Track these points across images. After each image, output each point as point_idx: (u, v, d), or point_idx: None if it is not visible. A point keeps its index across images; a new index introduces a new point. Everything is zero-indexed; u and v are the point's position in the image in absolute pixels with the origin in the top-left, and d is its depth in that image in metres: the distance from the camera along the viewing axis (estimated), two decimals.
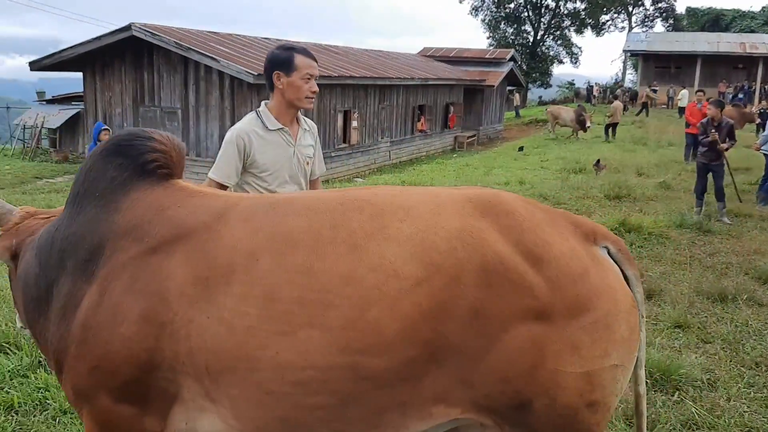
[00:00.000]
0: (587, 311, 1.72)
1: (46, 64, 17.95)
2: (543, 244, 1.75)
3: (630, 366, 1.83)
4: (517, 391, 1.72)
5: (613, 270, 1.84)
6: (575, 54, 50.42)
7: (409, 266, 1.72)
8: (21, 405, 3.29)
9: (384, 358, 1.72)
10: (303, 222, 1.82)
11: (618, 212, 8.86)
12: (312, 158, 3.11)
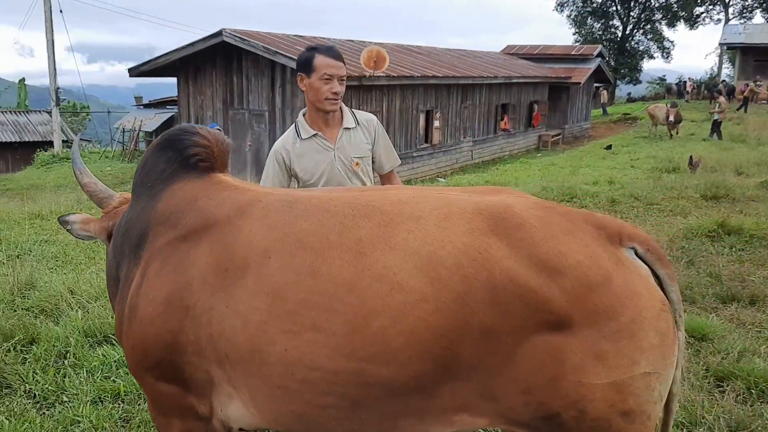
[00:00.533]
0: (609, 320, 1.65)
1: (144, 71, 18.92)
2: (557, 254, 1.68)
3: (667, 371, 1.72)
4: (541, 402, 1.69)
5: (639, 273, 1.73)
6: (667, 48, 48.28)
7: (414, 280, 1.70)
8: (127, 394, 3.46)
9: (392, 368, 1.71)
10: (313, 224, 1.85)
11: (716, 213, 8.39)
12: (361, 157, 2.98)
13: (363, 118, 3.03)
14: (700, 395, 3.33)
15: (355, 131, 2.99)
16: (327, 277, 1.75)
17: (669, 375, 1.74)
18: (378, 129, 3.05)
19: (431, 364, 1.70)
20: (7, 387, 3.52)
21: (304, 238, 1.83)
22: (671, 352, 1.72)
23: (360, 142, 2.99)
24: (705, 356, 3.89)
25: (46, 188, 16.57)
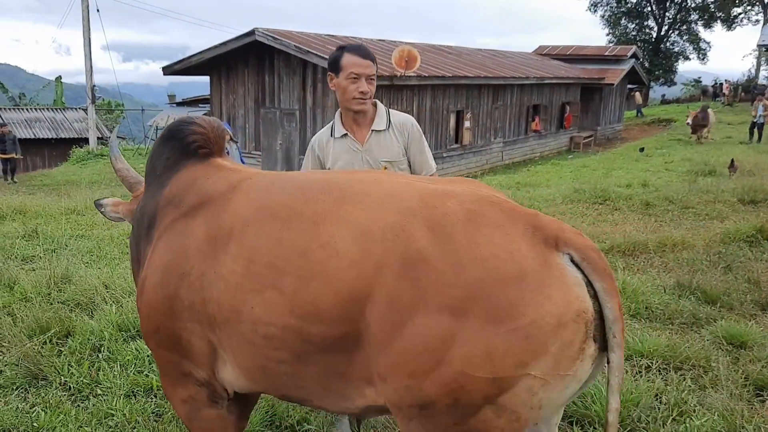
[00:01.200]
0: (508, 317, 1.63)
1: (177, 69, 19.17)
2: (471, 244, 1.71)
3: (557, 382, 1.66)
4: (421, 389, 1.72)
5: (563, 279, 1.67)
6: (703, 50, 47.27)
7: (348, 248, 1.85)
8: (159, 389, 3.49)
9: (321, 327, 1.87)
10: (286, 198, 2.05)
11: (755, 218, 8.18)
12: (391, 161, 2.87)
13: (398, 121, 2.92)
14: (740, 404, 3.24)
15: (385, 134, 2.90)
16: (287, 242, 1.94)
17: (559, 387, 1.67)
18: (412, 133, 2.92)
19: (350, 326, 1.84)
20: (43, 379, 3.59)
21: (276, 209, 2.03)
22: (570, 365, 1.66)
23: (390, 146, 2.89)
24: (744, 364, 3.78)
25: (81, 184, 16.90)
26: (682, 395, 3.35)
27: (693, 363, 3.77)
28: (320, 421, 3.14)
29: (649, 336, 4.06)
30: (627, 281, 5.15)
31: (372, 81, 2.82)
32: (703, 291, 5.08)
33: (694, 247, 6.60)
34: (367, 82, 2.80)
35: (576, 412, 3.16)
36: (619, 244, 6.56)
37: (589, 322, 1.67)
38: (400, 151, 2.90)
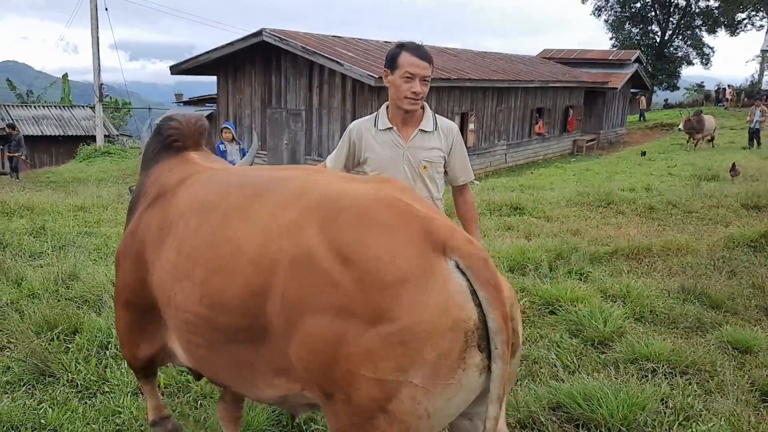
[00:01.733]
0: (387, 321, 1.62)
1: (184, 68, 19.22)
2: (357, 245, 1.71)
3: (439, 391, 1.65)
4: (318, 382, 1.76)
5: (446, 286, 1.65)
6: (706, 55, 47.18)
7: (249, 244, 1.92)
8: (167, 386, 3.51)
9: (226, 317, 1.97)
10: (212, 192, 2.20)
11: (759, 223, 8.18)
12: (430, 162, 2.91)
13: (444, 125, 2.95)
14: (746, 410, 3.24)
15: (431, 135, 2.93)
16: (201, 235, 2.08)
17: (444, 396, 1.66)
18: (456, 139, 2.94)
19: (252, 319, 1.91)
20: (50, 375, 3.60)
21: (202, 203, 2.17)
22: (450, 375, 1.64)
23: (433, 147, 2.91)
24: (750, 370, 3.79)
25: (88, 182, 16.95)
26: (688, 400, 3.35)
27: (699, 367, 3.78)
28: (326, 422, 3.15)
29: (654, 340, 4.07)
30: (631, 285, 5.16)
31: (426, 82, 2.82)
32: (707, 295, 5.08)
33: (698, 252, 6.60)
34: (420, 83, 2.80)
35: (582, 416, 3.17)
36: (623, 248, 6.56)
37: (470, 331, 1.65)
38: (441, 154, 2.93)
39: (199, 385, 3.44)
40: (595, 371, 3.74)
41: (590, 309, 4.49)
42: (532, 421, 3.18)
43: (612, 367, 3.73)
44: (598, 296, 4.95)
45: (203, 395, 3.39)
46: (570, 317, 4.49)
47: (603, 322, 4.29)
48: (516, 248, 6.16)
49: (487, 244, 6.53)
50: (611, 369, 3.70)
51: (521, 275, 5.59)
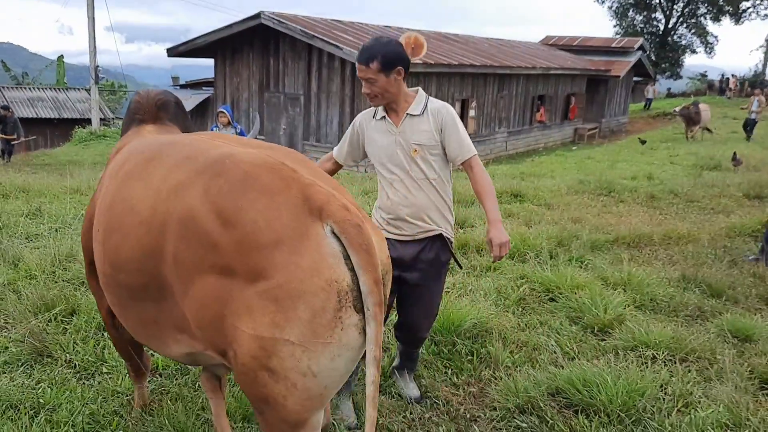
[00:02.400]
0: (263, 279, 1.73)
1: (181, 51, 19.09)
2: (237, 208, 1.79)
3: (317, 349, 1.74)
4: (210, 339, 1.87)
5: (319, 249, 1.74)
6: (710, 43, 46.95)
7: (141, 206, 2.03)
8: (165, 368, 3.50)
9: (125, 276, 2.09)
10: (125, 158, 2.33)
11: (761, 213, 8.18)
12: (421, 145, 2.94)
13: (433, 107, 2.98)
14: (745, 397, 3.24)
15: (420, 119, 2.96)
16: (106, 197, 2.23)
17: (326, 355, 1.74)
18: (446, 119, 2.95)
19: (149, 278, 2.01)
20: (48, 356, 3.58)
21: (115, 168, 2.33)
22: (327, 333, 1.73)
23: (422, 130, 2.95)
24: (749, 357, 3.78)
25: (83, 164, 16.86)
26: (688, 387, 3.35)
27: (698, 355, 3.77)
28: None
29: (654, 327, 4.06)
30: (632, 273, 5.14)
31: (369, 82, 2.87)
32: (708, 284, 5.07)
33: (699, 241, 6.59)
34: (366, 85, 2.90)
35: (581, 401, 3.16)
36: (624, 236, 6.55)
37: (342, 292, 1.73)
38: (432, 136, 2.96)
39: (197, 368, 3.43)
40: (594, 358, 3.73)
41: (590, 296, 4.47)
42: (531, 406, 3.17)
43: (612, 354, 3.72)
44: (598, 284, 4.94)
45: None
46: (570, 304, 4.48)
47: (603, 309, 4.28)
48: (516, 235, 6.14)
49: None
50: (611, 356, 3.69)
51: (521, 262, 5.57)
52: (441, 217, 3.02)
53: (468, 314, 4.03)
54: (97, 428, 2.94)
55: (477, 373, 3.58)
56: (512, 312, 4.44)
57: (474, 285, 4.91)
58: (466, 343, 3.86)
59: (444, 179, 3.02)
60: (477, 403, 3.31)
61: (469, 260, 5.64)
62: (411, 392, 3.33)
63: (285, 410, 1.81)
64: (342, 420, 3.06)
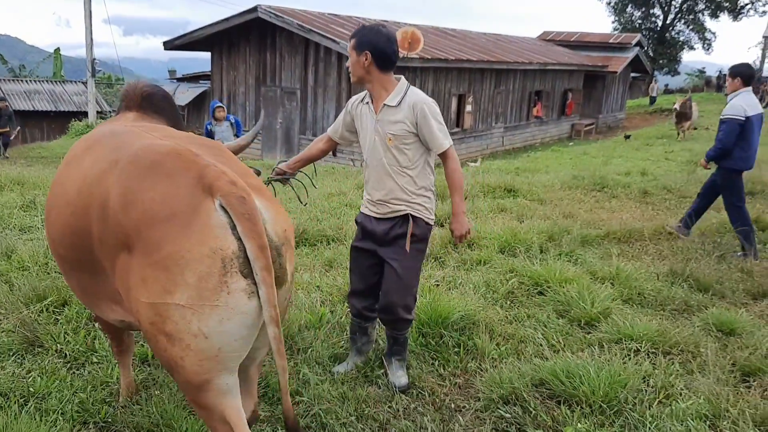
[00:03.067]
0: (155, 251, 1.92)
1: (178, 44, 19.07)
2: (139, 190, 2.01)
3: (206, 311, 1.89)
4: (130, 310, 2.10)
5: (207, 221, 1.91)
6: (708, 40, 46.97)
7: (72, 189, 2.26)
8: (154, 358, 3.53)
9: (63, 249, 2.36)
10: (76, 144, 2.57)
11: (751, 209, 8.21)
12: (395, 135, 3.09)
13: (411, 100, 3.10)
14: (726, 389, 3.29)
15: (395, 110, 3.10)
16: (53, 180, 2.50)
17: (215, 317, 1.91)
18: (421, 111, 3.07)
19: (81, 254, 2.26)
20: (39, 346, 3.62)
21: (69, 154, 2.53)
22: (215, 296, 1.89)
23: (397, 121, 3.09)
24: (732, 351, 3.83)
25: None
26: (670, 379, 3.40)
27: (682, 348, 3.82)
28: (311, 393, 3.19)
29: (639, 321, 4.10)
30: (620, 267, 5.19)
31: (348, 57, 3.16)
32: (696, 279, 5.12)
33: (689, 236, 6.63)
34: None
35: (564, 392, 3.20)
36: (614, 231, 6.59)
37: (227, 258, 1.90)
38: (406, 128, 3.09)
39: None
40: (579, 350, 3.78)
41: (578, 290, 4.51)
42: (515, 397, 3.22)
43: (596, 347, 3.77)
44: (587, 278, 4.98)
45: None
46: (558, 298, 4.52)
47: (590, 303, 4.32)
48: (508, 230, 6.18)
49: (480, 225, 6.55)
50: (595, 348, 3.74)
51: (512, 256, 5.62)
52: (412, 201, 3.17)
53: (456, 307, 4.07)
54: (86, 417, 2.98)
55: (463, 365, 3.62)
56: (500, 305, 4.48)
57: (464, 278, 4.95)
58: (454, 335, 3.90)
59: (420, 166, 3.16)
60: (462, 394, 3.36)
61: (460, 254, 5.68)
62: (396, 380, 3.37)
63: (185, 371, 1.98)
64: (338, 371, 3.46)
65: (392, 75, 3.18)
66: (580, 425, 2.97)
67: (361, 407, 3.14)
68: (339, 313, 4.18)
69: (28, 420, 2.79)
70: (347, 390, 3.26)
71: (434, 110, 3.10)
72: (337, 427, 2.98)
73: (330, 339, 3.82)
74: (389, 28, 3.14)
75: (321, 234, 6.08)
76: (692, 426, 2.95)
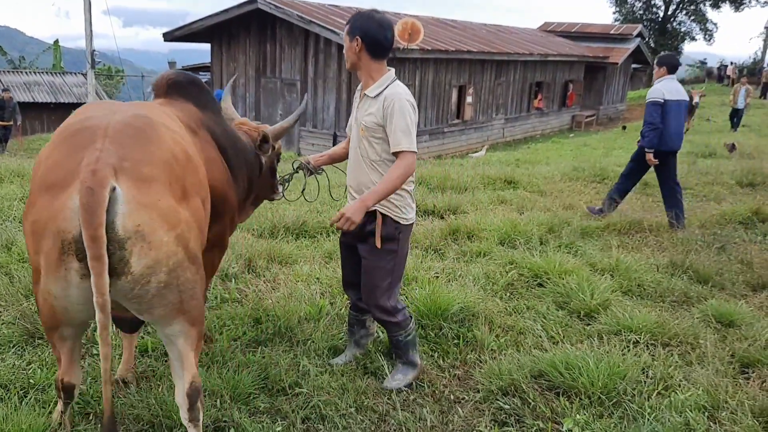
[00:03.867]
0: (30, 212, 2.22)
1: (178, 36, 19.01)
2: (47, 156, 2.29)
3: (56, 281, 2.14)
4: None
5: (65, 202, 2.08)
6: (709, 31, 46.77)
7: (40, 164, 2.41)
8: (154, 350, 3.54)
9: None
10: (75, 117, 2.64)
11: (752, 200, 8.22)
12: (366, 127, 3.03)
13: (387, 93, 2.99)
14: (725, 380, 3.29)
15: (372, 101, 3.04)
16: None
17: (57, 285, 2.15)
18: (390, 108, 2.95)
19: None
20: (39, 338, 3.62)
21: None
22: (56, 269, 2.12)
23: (370, 113, 3.03)
24: (731, 342, 3.84)
25: None
26: (669, 370, 3.40)
27: (681, 339, 3.83)
28: (311, 384, 3.20)
29: (638, 312, 4.11)
30: (620, 259, 5.19)
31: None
32: (695, 270, 5.12)
33: (690, 228, 6.63)
34: None
35: (563, 384, 3.21)
36: (614, 223, 6.59)
37: (66, 241, 2.08)
38: (376, 121, 3.02)
39: None
40: (578, 342, 3.78)
41: (578, 282, 4.52)
42: (514, 388, 3.22)
43: (595, 338, 3.77)
44: (586, 270, 4.99)
45: None
46: (557, 290, 4.53)
47: (590, 294, 4.33)
48: (508, 222, 6.18)
49: (479, 216, 6.55)
50: (595, 340, 3.75)
51: (511, 248, 5.62)
52: None
53: (455, 299, 4.08)
54: (87, 408, 2.99)
55: (463, 357, 3.63)
56: (500, 297, 4.49)
57: (463, 270, 4.95)
58: (453, 327, 3.91)
59: (390, 163, 3.04)
60: (461, 386, 3.37)
61: (460, 245, 5.68)
62: (387, 382, 3.32)
63: (41, 316, 2.37)
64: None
65: (383, 64, 3.07)
66: (579, 416, 2.98)
67: (361, 399, 3.15)
68: (339, 305, 4.19)
69: (29, 411, 2.80)
70: (347, 381, 3.27)
71: (405, 108, 2.95)
72: (336, 418, 2.99)
73: (330, 331, 3.83)
74: (383, 15, 3.04)
75: (321, 226, 6.08)
76: (691, 417, 2.95)
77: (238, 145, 3.32)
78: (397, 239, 3.14)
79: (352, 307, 3.54)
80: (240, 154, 3.30)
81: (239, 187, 3.26)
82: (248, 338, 3.69)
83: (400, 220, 3.12)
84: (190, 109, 3.01)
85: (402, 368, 3.35)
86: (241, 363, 3.35)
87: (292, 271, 4.82)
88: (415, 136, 2.99)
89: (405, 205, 3.13)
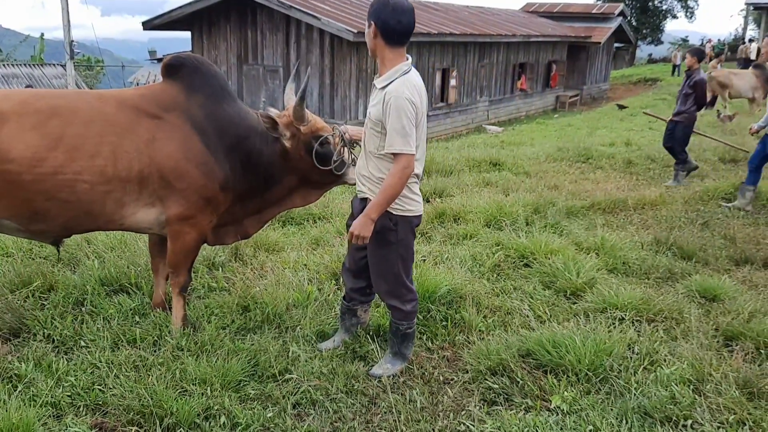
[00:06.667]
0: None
1: (157, 24, 18.76)
2: None
3: None
4: None
5: None
6: (691, 8, 46.90)
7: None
8: (143, 341, 3.53)
9: None
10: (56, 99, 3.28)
11: (734, 176, 8.32)
12: (369, 119, 3.01)
13: (389, 89, 2.90)
14: (709, 353, 3.35)
15: (379, 93, 2.97)
16: None
17: None
18: (387, 105, 2.88)
19: None
20: (26, 331, 3.61)
21: None
22: None
23: (374, 105, 3.01)
24: (715, 316, 3.90)
25: None
26: (654, 346, 3.45)
27: (666, 315, 3.88)
28: (301, 370, 3.21)
29: (624, 290, 4.15)
30: (605, 238, 5.23)
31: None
32: (679, 247, 5.18)
33: (673, 205, 6.70)
34: None
35: (551, 362, 3.25)
36: (599, 202, 6.64)
37: None
38: (377, 114, 2.96)
39: (174, 339, 3.47)
40: (565, 320, 3.82)
41: (564, 261, 4.55)
42: (502, 368, 3.26)
43: (582, 316, 3.81)
44: (572, 249, 5.03)
45: (179, 348, 3.41)
46: (544, 269, 4.56)
47: (576, 273, 4.37)
48: (494, 203, 6.20)
49: (465, 199, 6.56)
50: (581, 318, 3.79)
51: (498, 230, 5.64)
52: (373, 188, 3.05)
53: (443, 281, 4.10)
54: (77, 401, 2.98)
55: (451, 338, 3.66)
56: (487, 278, 4.51)
57: (450, 253, 4.97)
58: (441, 309, 3.93)
59: (386, 158, 2.99)
60: (450, 367, 3.40)
61: (446, 228, 5.70)
62: (374, 369, 3.31)
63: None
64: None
65: (400, 52, 2.95)
66: (566, 393, 3.02)
67: (351, 382, 3.17)
68: (326, 291, 4.19)
69: (18, 405, 2.80)
70: (336, 366, 3.28)
71: (402, 108, 2.84)
72: (326, 402, 3.01)
73: (318, 317, 3.84)
74: None
75: (308, 212, 6.07)
76: (676, 391, 3.00)
77: (229, 130, 3.39)
78: (393, 230, 3.08)
79: (345, 296, 3.55)
80: (226, 137, 3.37)
81: (222, 167, 3.35)
82: (237, 326, 3.69)
83: (393, 211, 3.05)
84: (170, 93, 3.31)
85: (391, 358, 3.35)
86: (230, 351, 3.35)
87: (280, 258, 4.82)
88: (414, 135, 2.90)
89: (400, 199, 3.04)
